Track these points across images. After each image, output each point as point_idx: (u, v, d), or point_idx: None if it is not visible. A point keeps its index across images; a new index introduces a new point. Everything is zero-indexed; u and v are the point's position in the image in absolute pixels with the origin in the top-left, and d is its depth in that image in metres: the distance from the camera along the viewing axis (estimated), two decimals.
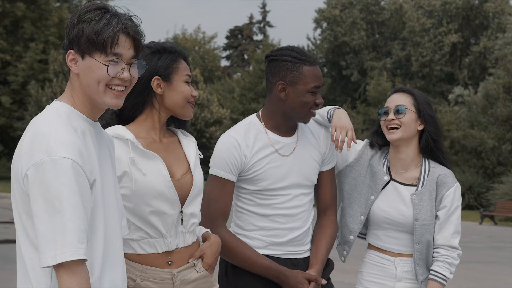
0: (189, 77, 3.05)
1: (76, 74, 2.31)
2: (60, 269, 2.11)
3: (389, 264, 3.52)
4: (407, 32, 48.33)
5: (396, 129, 3.48)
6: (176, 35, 52.28)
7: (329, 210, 3.57)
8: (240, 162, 3.33)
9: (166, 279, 2.90)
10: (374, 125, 3.69)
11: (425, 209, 3.45)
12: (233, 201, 3.48)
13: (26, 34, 36.11)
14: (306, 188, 3.45)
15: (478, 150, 32.05)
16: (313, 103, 3.33)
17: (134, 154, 2.85)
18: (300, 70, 3.30)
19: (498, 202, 25.84)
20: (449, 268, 3.46)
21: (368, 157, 3.60)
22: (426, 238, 3.45)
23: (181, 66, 3.02)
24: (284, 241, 3.40)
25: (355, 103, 46.24)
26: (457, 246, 3.49)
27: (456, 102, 39.08)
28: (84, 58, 2.29)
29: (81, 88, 2.32)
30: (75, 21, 2.28)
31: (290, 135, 3.44)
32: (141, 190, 2.83)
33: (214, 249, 3.03)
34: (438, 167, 3.54)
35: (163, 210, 2.87)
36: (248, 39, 57.69)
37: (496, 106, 32.26)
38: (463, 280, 10.97)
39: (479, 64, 47.43)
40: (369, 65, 49.24)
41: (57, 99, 2.35)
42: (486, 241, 18.31)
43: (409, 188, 3.51)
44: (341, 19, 50.23)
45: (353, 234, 3.57)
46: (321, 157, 3.50)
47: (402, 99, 3.52)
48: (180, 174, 2.97)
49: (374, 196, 3.51)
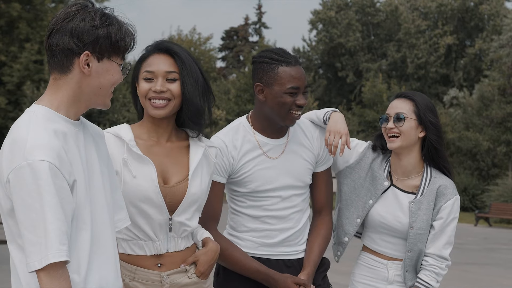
0: (148, 73, 2.95)
1: (81, 76, 2.30)
2: (40, 272, 2.12)
3: (381, 267, 3.52)
4: (403, 34, 48.37)
5: (396, 137, 3.45)
6: (172, 36, 52.24)
7: (324, 210, 3.55)
8: (228, 163, 3.31)
9: (155, 281, 2.89)
10: (369, 127, 3.68)
11: (421, 218, 3.43)
12: (228, 203, 3.48)
13: (22, 35, 36.02)
14: (298, 189, 3.43)
15: (473, 152, 32.10)
16: (292, 104, 3.26)
17: (127, 156, 2.85)
18: (275, 71, 3.26)
19: (493, 204, 25.86)
20: (436, 278, 3.45)
21: (369, 160, 3.57)
22: (419, 247, 3.44)
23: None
24: (275, 242, 3.39)
25: (350, 104, 46.23)
26: (447, 257, 3.48)
27: (451, 104, 39.11)
28: (101, 61, 2.31)
29: (76, 90, 2.31)
30: (97, 23, 2.29)
31: (279, 137, 3.41)
32: (129, 192, 2.82)
33: (209, 257, 2.99)
34: (439, 176, 3.51)
35: (150, 214, 2.85)
36: (243, 40, 57.67)
37: (491, 108, 32.30)
38: (458, 281, 10.98)
39: (474, 66, 47.49)
40: (365, 66, 49.25)
41: (36, 102, 2.34)
42: (481, 243, 18.31)
43: (408, 196, 3.49)
44: (336, 21, 50.25)
45: (348, 236, 3.56)
46: (314, 158, 3.47)
47: (402, 105, 3.48)
48: (175, 181, 2.92)
49: (372, 200, 3.49)
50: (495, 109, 31.95)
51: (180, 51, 2.92)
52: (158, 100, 2.89)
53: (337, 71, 51.22)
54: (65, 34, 2.28)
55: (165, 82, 2.88)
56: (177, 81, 2.91)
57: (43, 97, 2.34)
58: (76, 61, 2.29)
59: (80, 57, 2.29)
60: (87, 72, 2.30)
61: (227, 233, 3.47)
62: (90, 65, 2.30)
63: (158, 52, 2.94)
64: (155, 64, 2.91)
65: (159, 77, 2.89)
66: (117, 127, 2.94)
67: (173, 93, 2.89)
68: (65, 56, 2.29)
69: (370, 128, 38.59)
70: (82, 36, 2.28)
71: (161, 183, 2.88)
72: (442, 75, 48.87)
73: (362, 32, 51.09)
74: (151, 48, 2.97)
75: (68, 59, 2.30)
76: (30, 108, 2.32)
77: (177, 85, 2.91)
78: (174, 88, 2.89)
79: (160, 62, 2.91)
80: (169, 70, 2.89)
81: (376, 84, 41.89)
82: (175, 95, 2.89)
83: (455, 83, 47.71)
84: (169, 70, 2.89)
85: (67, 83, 2.31)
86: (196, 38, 52.88)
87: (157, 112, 2.89)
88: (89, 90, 2.32)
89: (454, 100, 38.73)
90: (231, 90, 42.20)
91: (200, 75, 2.94)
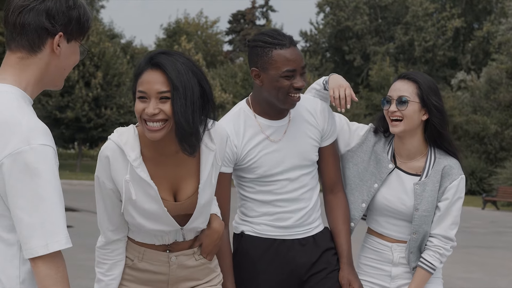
0: (141, 92, 2.76)
1: (50, 57, 2.25)
2: (38, 259, 2.08)
3: (386, 249, 3.51)
4: (410, 17, 48.16)
5: (399, 121, 3.41)
6: (179, 19, 52.14)
7: (336, 186, 3.51)
8: (231, 153, 3.27)
9: (163, 261, 2.93)
10: (376, 110, 3.66)
11: (426, 200, 3.41)
12: (237, 190, 3.45)
13: None
14: (306, 168, 3.39)
15: (481, 135, 32.04)
16: (289, 87, 3.20)
17: (129, 178, 2.76)
18: (269, 54, 3.18)
19: (501, 188, 25.85)
20: (439, 258, 3.44)
21: (371, 143, 3.54)
22: (424, 229, 3.43)
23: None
24: (289, 224, 3.37)
25: (357, 88, 46.14)
26: (452, 238, 3.46)
27: (459, 87, 38.99)
28: (70, 42, 2.29)
29: (43, 71, 2.26)
30: (71, 4, 2.26)
31: (281, 118, 3.36)
32: (136, 208, 2.80)
33: (212, 238, 2.99)
34: (444, 157, 3.48)
35: (160, 223, 2.84)
36: (250, 23, 57.50)
37: (499, 91, 32.21)
38: (465, 265, 11.00)
39: (482, 49, 47.29)
40: (372, 50, 49.10)
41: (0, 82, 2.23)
42: (488, 226, 18.32)
43: (413, 178, 3.47)
44: (344, 4, 50.04)
45: (354, 221, 3.53)
46: (319, 134, 3.42)
47: (405, 88, 3.42)
48: (185, 197, 2.85)
49: (378, 184, 3.47)
50: (503, 92, 31.85)
51: (172, 66, 2.70)
52: (153, 123, 2.70)
53: (345, 54, 51.07)
54: (41, 13, 2.22)
55: (158, 102, 2.69)
56: (170, 99, 2.71)
57: (4, 76, 2.24)
58: (48, 41, 2.24)
59: (54, 38, 2.24)
60: (58, 53, 2.26)
61: (239, 218, 3.45)
62: (60, 46, 2.26)
63: (151, 68, 2.74)
64: (147, 83, 2.71)
65: (152, 98, 2.70)
66: (124, 134, 2.81)
67: (167, 114, 2.69)
68: (38, 36, 2.23)
69: (377, 112, 38.42)
70: (58, 16, 2.24)
71: (171, 201, 2.84)
72: (449, 58, 48.69)
73: (370, 15, 50.86)
74: (144, 63, 2.78)
75: (40, 39, 2.24)
76: (1, 87, 2.21)
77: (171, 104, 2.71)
78: (168, 108, 2.69)
79: (152, 81, 2.71)
80: (161, 90, 2.69)
81: (384, 68, 41.81)
82: (169, 115, 2.70)
83: (463, 66, 47.54)
84: (161, 90, 2.69)
85: (35, 63, 2.25)
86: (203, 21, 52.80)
87: (153, 135, 2.71)
88: (55, 71, 2.28)
89: (462, 83, 38.61)
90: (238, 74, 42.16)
91: (198, 87, 2.72)
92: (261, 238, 3.38)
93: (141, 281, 2.95)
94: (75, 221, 13.72)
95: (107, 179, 2.77)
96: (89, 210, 16.20)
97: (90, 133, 34.72)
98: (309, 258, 3.39)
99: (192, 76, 2.70)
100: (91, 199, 4.06)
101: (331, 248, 3.45)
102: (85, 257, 9.06)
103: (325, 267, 3.40)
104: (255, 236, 3.38)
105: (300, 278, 3.38)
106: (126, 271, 2.95)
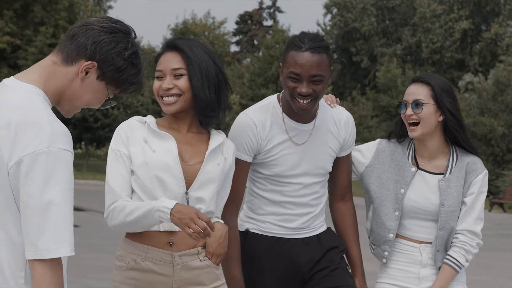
0: (158, 71, 3.06)
1: (74, 77, 2.27)
2: (37, 261, 2.08)
3: (414, 250, 3.51)
4: (418, 18, 48.11)
5: (416, 124, 3.44)
6: (186, 20, 52.20)
7: (347, 194, 3.56)
8: (256, 143, 3.30)
9: (167, 261, 2.92)
10: (383, 112, 3.67)
11: (452, 195, 3.45)
12: (248, 184, 3.46)
13: (36, 18, 36.07)
14: (319, 176, 3.42)
15: (488, 137, 31.98)
16: (293, 90, 3.21)
17: (147, 135, 2.97)
18: (287, 53, 3.26)
19: (508, 190, 25.80)
20: (465, 255, 3.45)
21: (386, 153, 3.57)
22: (450, 225, 3.45)
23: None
24: (294, 226, 3.41)
25: (364, 89, 46.10)
26: (478, 233, 3.48)
27: (466, 89, 38.93)
28: (99, 80, 2.30)
29: (64, 86, 2.27)
30: (124, 55, 2.29)
31: (307, 122, 3.37)
32: (150, 165, 2.92)
33: (215, 236, 2.95)
34: (466, 154, 3.55)
35: (168, 183, 2.91)
36: (258, 24, 57.55)
37: (507, 93, 32.15)
38: (472, 267, 10.93)
39: (489, 51, 47.21)
40: (379, 51, 49.07)
41: (24, 81, 2.23)
42: (495, 229, 18.29)
43: (436, 176, 3.50)
44: (351, 5, 50.03)
45: (392, 232, 3.51)
46: (339, 145, 3.45)
47: (420, 91, 3.46)
48: (192, 162, 2.99)
49: (404, 189, 3.49)
50: (510, 94, 31.79)
51: (187, 46, 3.02)
52: (168, 98, 3.00)
53: (352, 55, 51.06)
54: (93, 38, 2.27)
55: (173, 79, 2.99)
56: (184, 76, 2.99)
57: (32, 75, 2.26)
58: (81, 61, 2.26)
59: (86, 62, 2.26)
60: (81, 78, 2.27)
61: (244, 215, 3.47)
62: (88, 74, 2.28)
63: (168, 50, 3.06)
64: (163, 62, 3.03)
65: (167, 75, 3.00)
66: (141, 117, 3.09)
67: (180, 88, 2.97)
68: (77, 50, 2.26)
69: (384, 113, 38.48)
70: (105, 52, 2.27)
71: (180, 160, 2.96)
72: (457, 60, 48.62)
73: (377, 16, 50.84)
74: (163, 46, 3.10)
75: (77, 54, 2.27)
76: (21, 86, 2.22)
77: (184, 80, 2.98)
78: (181, 83, 2.98)
79: (168, 60, 3.02)
80: (175, 67, 2.99)
81: (391, 69, 41.73)
82: (183, 90, 2.98)
83: (471, 68, 47.46)
84: (175, 67, 2.99)
85: (62, 74, 2.27)
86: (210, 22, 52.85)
87: (168, 108, 3.01)
88: (70, 94, 2.29)
89: (469, 85, 38.56)
90: (245, 75, 42.16)
91: (213, 66, 3.02)
92: (266, 236, 3.41)
93: (143, 285, 2.93)
94: (82, 221, 13.73)
95: (124, 146, 2.95)
96: (95, 210, 16.23)
97: (97, 133, 34.80)
98: (312, 256, 3.42)
99: (207, 57, 3.03)
100: (98, 199, 4.07)
101: (334, 247, 3.48)
102: (91, 257, 9.08)
103: (328, 265, 3.43)
104: (260, 234, 3.41)
105: (303, 276, 3.41)
106: (128, 274, 2.94)
